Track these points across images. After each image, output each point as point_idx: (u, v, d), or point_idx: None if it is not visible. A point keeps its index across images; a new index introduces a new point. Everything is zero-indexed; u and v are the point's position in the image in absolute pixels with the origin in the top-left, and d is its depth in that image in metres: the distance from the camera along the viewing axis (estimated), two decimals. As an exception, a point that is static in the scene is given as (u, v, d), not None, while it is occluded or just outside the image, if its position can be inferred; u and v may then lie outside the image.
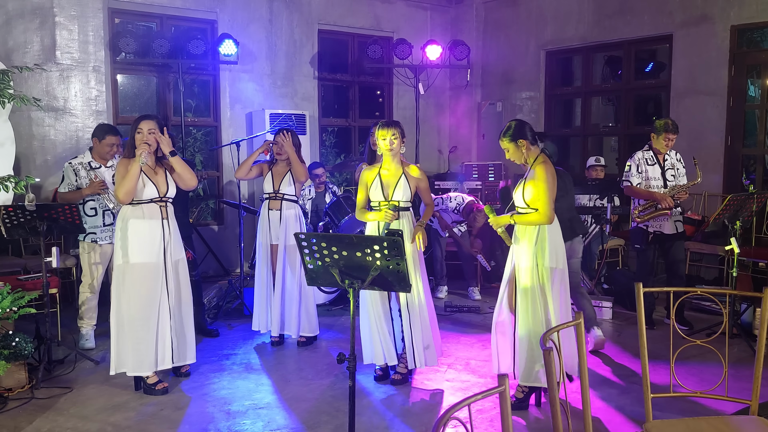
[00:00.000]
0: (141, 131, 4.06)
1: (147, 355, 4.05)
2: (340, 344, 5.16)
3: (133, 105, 7.39)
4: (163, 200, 4.14)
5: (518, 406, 3.85)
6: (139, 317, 4.03)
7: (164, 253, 4.11)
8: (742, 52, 6.72)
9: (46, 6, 6.37)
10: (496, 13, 8.90)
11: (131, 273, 4.02)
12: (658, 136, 5.30)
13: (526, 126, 3.86)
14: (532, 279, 3.74)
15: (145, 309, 4.04)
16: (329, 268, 2.85)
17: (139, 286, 4.03)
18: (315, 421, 3.74)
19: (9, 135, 5.39)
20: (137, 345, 4.03)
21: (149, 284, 4.05)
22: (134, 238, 4.03)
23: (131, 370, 4.07)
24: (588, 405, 2.38)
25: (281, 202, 5.00)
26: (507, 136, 3.84)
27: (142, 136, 4.06)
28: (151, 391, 4.12)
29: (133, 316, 4.02)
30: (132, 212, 4.06)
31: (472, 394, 1.69)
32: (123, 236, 4.05)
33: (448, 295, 6.72)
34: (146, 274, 4.04)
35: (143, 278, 4.03)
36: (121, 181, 3.99)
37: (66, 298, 5.85)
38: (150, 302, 4.05)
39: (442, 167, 9.15)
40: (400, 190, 4.17)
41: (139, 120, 4.10)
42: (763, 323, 2.55)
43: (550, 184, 3.69)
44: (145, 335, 4.03)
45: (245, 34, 7.50)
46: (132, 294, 4.02)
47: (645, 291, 2.68)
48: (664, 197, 5.18)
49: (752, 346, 4.81)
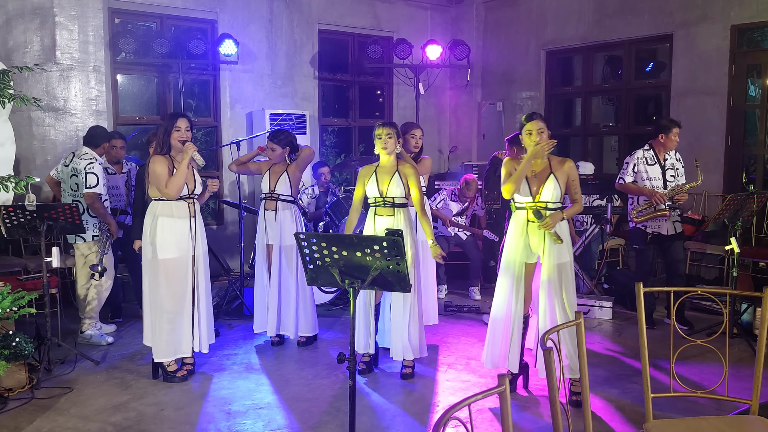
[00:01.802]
0: (179, 129, 4.17)
1: (180, 342, 4.27)
2: (340, 344, 5.16)
3: (133, 105, 7.39)
4: (190, 197, 4.27)
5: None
6: (173, 309, 4.20)
7: (193, 248, 4.28)
8: (742, 52, 6.72)
9: (46, 6, 6.37)
10: (497, 13, 8.90)
11: (164, 268, 4.16)
12: (668, 133, 5.29)
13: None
14: (568, 273, 3.90)
15: (179, 301, 4.21)
16: (329, 268, 2.85)
17: (173, 280, 4.18)
18: (315, 421, 3.74)
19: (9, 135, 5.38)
20: (170, 334, 4.22)
21: (182, 278, 4.22)
22: (165, 235, 4.14)
23: (163, 356, 4.26)
24: (588, 405, 2.38)
25: (276, 203, 5.00)
26: (544, 120, 3.94)
27: (181, 133, 4.16)
28: (171, 378, 4.30)
29: (167, 308, 4.19)
30: (162, 209, 4.17)
31: (472, 394, 1.68)
32: (153, 232, 4.15)
33: (449, 295, 6.72)
34: (178, 268, 4.20)
35: (176, 272, 4.19)
36: (167, 177, 4.11)
37: (66, 298, 5.85)
38: (183, 294, 4.23)
39: (442, 167, 9.15)
40: (393, 187, 4.31)
41: (175, 118, 4.21)
42: (764, 323, 2.55)
43: (578, 178, 4.00)
44: (177, 325, 4.23)
45: (245, 34, 7.50)
46: (165, 287, 4.17)
47: (645, 291, 2.68)
48: (655, 193, 5.18)
49: (752, 346, 4.81)
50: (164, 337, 4.22)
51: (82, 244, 5.06)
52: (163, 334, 4.22)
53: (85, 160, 5.00)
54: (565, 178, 3.91)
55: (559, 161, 3.94)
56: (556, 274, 3.85)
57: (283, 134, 5.01)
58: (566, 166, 3.92)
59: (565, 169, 3.91)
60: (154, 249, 4.15)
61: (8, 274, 5.35)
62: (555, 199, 3.86)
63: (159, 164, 4.12)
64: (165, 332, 4.22)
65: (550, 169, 3.90)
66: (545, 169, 3.91)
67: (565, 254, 3.90)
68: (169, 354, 4.27)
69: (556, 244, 3.86)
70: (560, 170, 3.90)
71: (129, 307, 6.14)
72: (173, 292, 4.19)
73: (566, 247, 3.91)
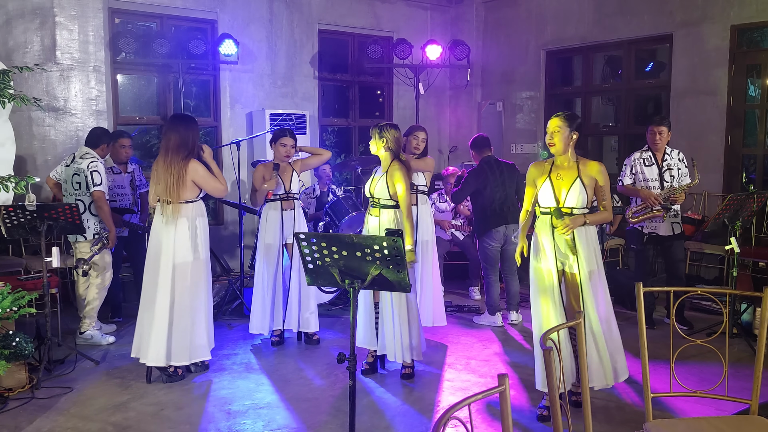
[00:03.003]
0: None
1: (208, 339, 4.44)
2: (340, 344, 5.16)
3: (133, 105, 7.39)
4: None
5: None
6: (205, 308, 4.38)
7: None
8: (742, 52, 6.72)
9: (46, 6, 6.37)
10: (496, 13, 8.90)
11: (202, 268, 4.32)
12: (647, 133, 5.32)
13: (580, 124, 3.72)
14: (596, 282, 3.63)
15: (208, 299, 4.42)
16: (329, 268, 2.85)
17: (207, 279, 4.38)
18: (315, 421, 3.74)
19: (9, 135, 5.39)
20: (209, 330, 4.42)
21: (209, 277, 4.43)
22: (204, 235, 4.35)
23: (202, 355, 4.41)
24: (588, 405, 2.38)
25: (293, 202, 5.06)
26: (565, 120, 3.66)
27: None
28: (174, 378, 4.36)
29: (199, 307, 4.32)
30: (202, 210, 4.38)
31: (472, 394, 1.69)
32: (193, 234, 4.28)
33: (449, 295, 6.72)
34: (208, 268, 4.41)
35: (208, 272, 4.40)
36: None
37: (66, 298, 5.85)
38: (207, 292, 4.43)
39: (443, 167, 9.14)
40: (379, 187, 4.37)
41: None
42: (763, 323, 2.55)
43: (609, 182, 3.72)
44: (208, 322, 4.42)
45: (245, 34, 7.50)
46: (201, 286, 4.33)
47: (645, 291, 2.68)
48: (649, 195, 5.17)
49: (752, 346, 4.81)
50: (206, 335, 4.40)
51: (83, 244, 5.06)
52: (204, 334, 4.37)
53: (86, 160, 5.02)
54: (592, 183, 3.63)
55: (586, 163, 3.66)
56: (587, 281, 3.59)
57: (290, 129, 5.16)
58: (594, 170, 3.63)
59: (592, 174, 3.63)
60: (199, 249, 4.29)
61: (8, 274, 5.35)
62: (581, 205, 3.60)
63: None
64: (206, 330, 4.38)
65: (578, 172, 3.62)
66: (572, 172, 3.63)
67: (592, 261, 3.61)
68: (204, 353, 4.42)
69: (581, 251, 3.58)
70: (587, 174, 3.62)
71: (129, 307, 6.14)
72: (205, 291, 4.38)
73: (593, 255, 3.63)
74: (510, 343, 5.20)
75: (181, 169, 4.16)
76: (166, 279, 4.20)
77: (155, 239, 4.26)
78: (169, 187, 4.16)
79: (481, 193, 5.56)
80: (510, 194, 5.56)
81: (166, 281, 4.20)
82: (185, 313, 4.23)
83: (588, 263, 3.61)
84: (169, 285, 4.20)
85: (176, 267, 4.21)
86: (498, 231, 5.55)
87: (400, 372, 4.43)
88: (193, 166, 4.21)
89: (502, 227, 5.54)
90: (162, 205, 4.24)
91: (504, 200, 5.53)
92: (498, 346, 5.13)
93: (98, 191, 4.97)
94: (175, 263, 4.20)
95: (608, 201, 3.67)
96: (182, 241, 4.21)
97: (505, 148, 8.77)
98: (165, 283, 4.20)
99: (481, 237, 5.66)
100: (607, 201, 3.66)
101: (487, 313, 5.71)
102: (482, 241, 5.66)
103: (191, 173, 4.19)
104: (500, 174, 5.57)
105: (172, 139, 4.19)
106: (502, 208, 5.52)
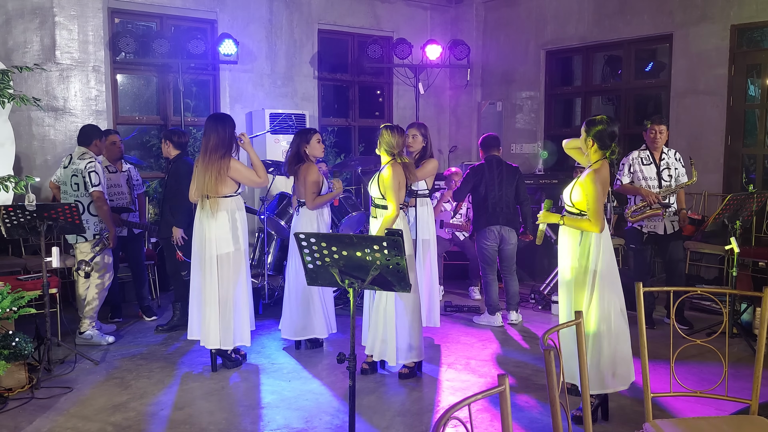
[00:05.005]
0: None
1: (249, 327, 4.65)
2: (340, 344, 5.16)
3: (132, 105, 7.39)
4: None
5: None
6: (246, 295, 4.58)
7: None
8: (742, 52, 6.72)
9: (46, 6, 6.37)
10: (496, 13, 8.90)
11: (242, 258, 4.49)
12: (646, 131, 5.33)
13: (609, 131, 3.55)
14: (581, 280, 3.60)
15: (248, 287, 4.62)
16: (329, 267, 2.85)
17: (246, 269, 4.57)
18: (315, 421, 3.74)
19: (9, 135, 5.39)
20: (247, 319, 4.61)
21: (248, 268, 4.62)
22: (243, 228, 4.51)
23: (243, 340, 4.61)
24: (588, 405, 2.38)
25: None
26: (585, 126, 3.63)
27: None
28: (230, 363, 4.60)
29: (239, 297, 4.51)
30: (241, 204, 4.54)
31: (472, 394, 1.69)
32: (233, 227, 4.45)
33: (449, 295, 6.72)
34: (247, 259, 4.59)
35: (247, 263, 4.57)
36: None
37: (66, 298, 5.85)
38: (247, 281, 4.64)
39: (443, 167, 9.14)
40: (373, 187, 4.42)
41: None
42: (763, 323, 2.55)
43: (598, 193, 3.49)
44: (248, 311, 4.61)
45: (245, 34, 7.50)
46: (241, 276, 4.52)
47: (645, 290, 2.68)
48: (649, 193, 5.18)
49: (752, 346, 4.81)
50: (243, 324, 4.57)
51: (83, 244, 5.06)
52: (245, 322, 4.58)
53: (84, 160, 5.01)
54: (579, 189, 3.57)
55: (591, 170, 3.58)
56: (589, 282, 3.59)
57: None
58: (585, 177, 3.57)
59: (581, 180, 3.57)
60: (238, 241, 4.46)
61: (8, 274, 5.35)
62: (568, 204, 3.64)
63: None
64: (238, 319, 4.54)
65: (583, 176, 3.60)
66: (583, 175, 3.61)
67: (592, 263, 3.58)
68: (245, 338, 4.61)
69: (568, 252, 3.63)
70: (581, 178, 3.58)
71: (129, 307, 6.14)
72: (245, 282, 4.58)
73: (595, 257, 3.57)
74: (510, 343, 5.20)
75: (220, 167, 4.39)
76: (211, 269, 4.43)
77: (198, 232, 4.50)
78: (208, 183, 4.40)
79: (477, 191, 5.60)
80: (506, 196, 5.57)
81: (212, 271, 4.43)
82: (230, 301, 4.48)
83: (591, 264, 3.60)
84: (216, 274, 4.43)
85: (220, 258, 4.43)
86: (491, 230, 5.56)
87: (400, 371, 4.42)
88: (234, 166, 4.44)
89: (496, 227, 5.56)
90: (202, 200, 4.46)
91: (498, 201, 5.55)
92: (498, 346, 5.13)
93: (97, 191, 4.97)
94: (218, 254, 4.43)
95: (591, 211, 3.50)
96: (223, 233, 4.43)
97: (505, 148, 8.73)
98: (211, 273, 4.43)
99: (477, 235, 5.69)
100: (590, 211, 3.50)
101: (487, 313, 5.71)
102: (478, 240, 5.68)
103: (232, 172, 4.44)
104: (498, 174, 5.60)
105: (212, 139, 4.42)
106: (495, 209, 5.55)
